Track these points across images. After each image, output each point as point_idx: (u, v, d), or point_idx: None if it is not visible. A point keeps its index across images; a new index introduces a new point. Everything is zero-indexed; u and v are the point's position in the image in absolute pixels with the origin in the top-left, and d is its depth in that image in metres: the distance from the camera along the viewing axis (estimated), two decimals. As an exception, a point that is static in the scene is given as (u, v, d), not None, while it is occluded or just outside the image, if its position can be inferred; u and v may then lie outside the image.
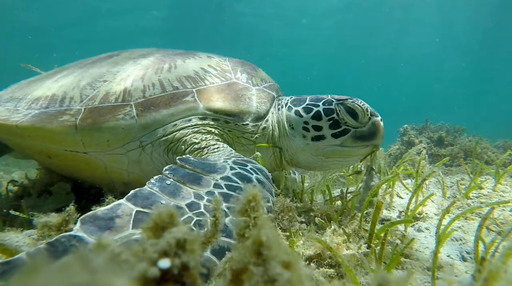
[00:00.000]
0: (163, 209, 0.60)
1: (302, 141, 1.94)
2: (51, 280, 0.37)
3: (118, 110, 1.74)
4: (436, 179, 2.51)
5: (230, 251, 1.01)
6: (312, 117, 1.90)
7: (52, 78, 2.16)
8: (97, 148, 1.76)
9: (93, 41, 22.56)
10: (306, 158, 2.00)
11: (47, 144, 1.82)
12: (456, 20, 25.36)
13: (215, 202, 0.79)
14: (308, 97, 2.01)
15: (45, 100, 1.89)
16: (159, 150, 1.80)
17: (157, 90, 1.83)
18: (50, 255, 0.84)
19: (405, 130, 5.97)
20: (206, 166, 1.40)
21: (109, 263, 0.47)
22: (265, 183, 1.41)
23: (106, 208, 1.03)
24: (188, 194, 1.19)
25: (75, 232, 0.91)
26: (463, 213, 1.41)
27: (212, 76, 1.98)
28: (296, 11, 22.71)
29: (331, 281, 1.11)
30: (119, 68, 1.98)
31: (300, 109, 1.95)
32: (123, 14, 20.45)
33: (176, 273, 0.53)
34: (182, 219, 1.07)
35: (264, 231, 0.53)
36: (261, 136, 2.01)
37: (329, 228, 1.35)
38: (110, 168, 1.84)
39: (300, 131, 1.93)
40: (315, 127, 1.89)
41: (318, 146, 1.91)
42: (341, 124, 1.86)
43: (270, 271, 0.50)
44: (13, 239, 1.32)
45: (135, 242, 0.92)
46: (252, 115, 1.93)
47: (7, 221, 1.76)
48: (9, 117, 1.83)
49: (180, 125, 1.80)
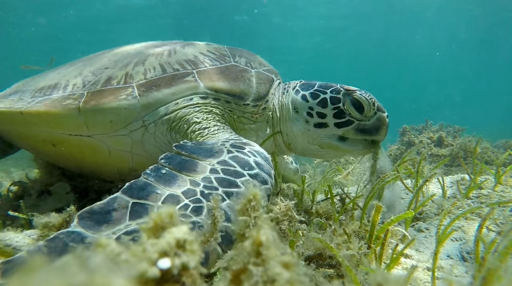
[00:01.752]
0: (164, 209, 0.60)
1: (304, 126, 1.94)
2: (49, 279, 0.37)
3: (120, 92, 1.77)
4: (436, 179, 2.51)
5: (230, 235, 1.02)
6: (317, 103, 1.89)
7: (55, 71, 2.22)
8: (101, 129, 1.78)
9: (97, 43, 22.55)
10: (303, 144, 2.02)
11: (52, 129, 1.84)
12: (457, 20, 25.36)
13: (214, 200, 0.79)
14: (318, 83, 2.00)
15: (49, 89, 1.94)
16: (162, 129, 1.82)
17: (158, 72, 1.87)
18: (50, 252, 0.84)
19: (405, 130, 5.96)
20: (203, 151, 1.40)
21: (108, 262, 0.47)
22: (263, 165, 1.40)
23: (102, 202, 1.03)
24: (184, 182, 1.19)
25: (73, 228, 0.92)
26: (463, 213, 1.41)
27: (211, 59, 2.03)
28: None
29: (331, 281, 1.10)
30: (120, 57, 2.04)
31: (307, 94, 1.95)
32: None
33: (176, 273, 0.53)
34: (179, 206, 1.08)
35: (264, 231, 0.53)
36: (261, 117, 2.04)
37: (329, 228, 1.35)
38: (114, 151, 1.86)
39: (304, 116, 1.93)
40: (319, 114, 1.89)
41: (319, 133, 1.91)
42: (345, 114, 1.85)
43: (269, 271, 0.50)
44: (13, 239, 1.32)
45: (132, 233, 0.93)
46: (252, 95, 1.96)
47: (7, 221, 1.76)
48: (14, 105, 1.87)
49: (182, 104, 1.82)
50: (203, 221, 1.04)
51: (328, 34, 25.75)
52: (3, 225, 1.66)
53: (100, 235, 0.92)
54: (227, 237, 1.02)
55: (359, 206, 1.75)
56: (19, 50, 24.23)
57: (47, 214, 1.36)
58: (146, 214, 1.02)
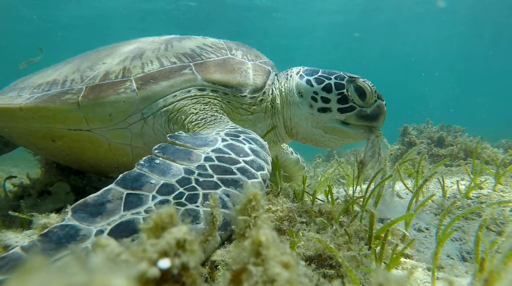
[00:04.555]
0: (164, 210, 0.60)
1: (308, 111, 1.99)
2: (49, 280, 0.36)
3: (118, 85, 1.79)
4: (436, 179, 2.51)
5: (227, 221, 1.03)
6: (322, 88, 1.95)
7: (52, 68, 2.23)
8: (100, 123, 1.79)
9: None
10: (306, 129, 2.05)
11: (51, 124, 1.85)
12: (458, 21, 25.35)
13: (213, 199, 0.79)
14: (321, 69, 2.07)
15: (47, 85, 1.95)
16: (161, 121, 1.84)
17: (156, 66, 1.89)
18: (44, 247, 0.83)
19: (406, 130, 5.95)
20: (197, 140, 1.40)
21: (108, 262, 0.47)
22: (259, 152, 1.40)
23: (96, 195, 1.03)
24: (179, 171, 1.18)
25: (67, 222, 0.92)
26: (463, 213, 1.41)
27: (208, 52, 2.05)
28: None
29: (331, 281, 1.10)
30: (118, 53, 2.05)
31: (312, 79, 2.00)
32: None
33: (176, 273, 0.53)
34: (174, 195, 1.07)
35: (263, 231, 0.53)
36: (258, 108, 2.07)
37: (330, 228, 1.35)
38: (113, 144, 1.88)
39: (308, 101, 1.98)
40: (323, 99, 1.95)
41: (322, 118, 1.97)
42: (349, 100, 1.92)
43: (269, 271, 0.50)
44: (12, 239, 1.32)
45: (128, 223, 0.93)
46: (249, 87, 1.98)
47: (7, 221, 1.76)
48: (13, 102, 1.89)
49: (180, 96, 1.85)
50: (199, 208, 1.04)
51: (329, 30, 25.66)
52: (3, 225, 1.66)
53: (95, 227, 0.92)
54: (224, 223, 1.03)
55: (360, 205, 1.74)
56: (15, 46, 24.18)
57: (46, 214, 1.36)
58: (140, 204, 1.02)
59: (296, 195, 1.91)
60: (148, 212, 1.00)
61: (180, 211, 1.02)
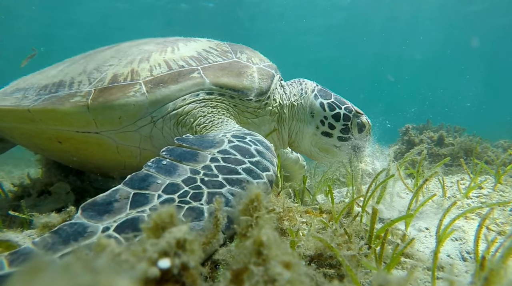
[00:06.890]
0: (164, 209, 0.60)
1: (313, 130, 2.20)
2: (54, 280, 0.37)
3: (128, 89, 1.79)
4: (436, 178, 2.51)
5: (230, 220, 1.04)
6: (332, 116, 2.16)
7: (55, 69, 2.21)
8: (110, 126, 1.80)
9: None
10: (305, 145, 2.27)
11: (59, 126, 1.85)
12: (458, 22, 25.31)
13: (217, 202, 0.79)
14: (333, 95, 2.25)
15: (54, 86, 1.95)
16: (170, 123, 1.86)
17: (164, 69, 1.90)
18: (54, 243, 0.87)
19: (407, 129, 5.95)
20: (204, 142, 1.43)
21: (111, 263, 0.47)
22: (265, 153, 1.42)
23: (104, 194, 1.06)
24: (184, 171, 1.22)
25: (76, 220, 0.96)
26: (463, 213, 1.41)
27: (214, 55, 2.08)
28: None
29: (332, 281, 1.10)
30: (123, 54, 2.05)
31: (326, 103, 2.19)
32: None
33: (176, 273, 0.53)
34: (179, 194, 1.10)
35: (265, 231, 0.53)
36: (263, 111, 2.14)
37: (330, 228, 1.35)
38: (122, 146, 1.88)
39: (317, 122, 2.19)
40: (330, 125, 2.17)
41: (322, 140, 2.19)
42: (349, 132, 2.17)
43: (270, 270, 0.50)
44: (12, 239, 1.32)
45: (133, 220, 0.96)
46: (255, 91, 2.02)
47: (7, 221, 1.75)
48: (20, 103, 1.89)
49: (189, 100, 1.87)
50: (203, 206, 1.06)
51: (327, 33, 25.71)
52: (3, 225, 1.66)
53: (102, 224, 0.96)
54: (228, 222, 1.04)
55: (360, 205, 1.75)
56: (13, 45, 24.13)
57: (47, 214, 1.36)
58: (146, 202, 1.05)
59: (296, 195, 1.91)
60: (152, 210, 1.03)
61: (184, 209, 1.05)
